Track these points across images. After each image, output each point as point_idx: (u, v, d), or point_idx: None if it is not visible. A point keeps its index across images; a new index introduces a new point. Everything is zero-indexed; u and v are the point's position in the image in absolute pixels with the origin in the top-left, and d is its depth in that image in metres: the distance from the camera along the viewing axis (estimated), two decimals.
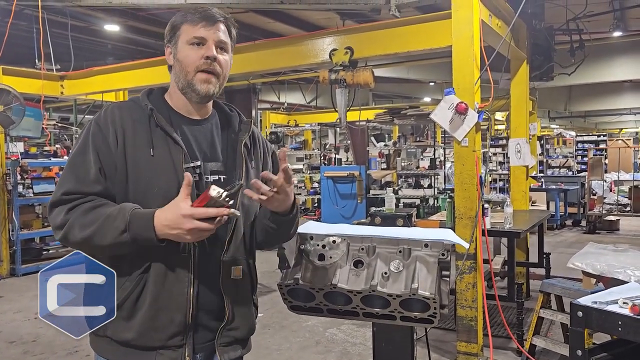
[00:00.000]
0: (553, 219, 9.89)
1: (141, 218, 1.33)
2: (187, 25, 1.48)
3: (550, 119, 18.00)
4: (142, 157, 1.42)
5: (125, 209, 1.34)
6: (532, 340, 3.85)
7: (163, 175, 1.42)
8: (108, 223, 1.33)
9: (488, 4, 4.29)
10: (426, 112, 7.49)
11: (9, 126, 6.78)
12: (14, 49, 8.00)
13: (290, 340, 4.47)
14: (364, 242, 1.59)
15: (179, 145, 1.45)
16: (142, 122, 1.46)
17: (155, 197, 1.40)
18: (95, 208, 1.36)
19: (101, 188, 1.40)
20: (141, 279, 1.41)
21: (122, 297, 1.41)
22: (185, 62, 1.48)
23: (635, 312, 1.77)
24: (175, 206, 1.30)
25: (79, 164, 1.41)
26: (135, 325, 1.41)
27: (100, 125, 1.44)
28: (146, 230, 1.32)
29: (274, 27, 8.36)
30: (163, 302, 1.41)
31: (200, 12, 1.49)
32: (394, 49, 5.02)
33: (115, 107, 1.50)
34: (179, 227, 1.29)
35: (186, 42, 1.47)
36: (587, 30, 6.74)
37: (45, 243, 7.90)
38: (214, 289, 1.48)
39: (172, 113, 1.53)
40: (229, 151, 1.56)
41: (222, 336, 1.50)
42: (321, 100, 13.75)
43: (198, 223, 1.28)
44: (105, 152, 1.41)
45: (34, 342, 4.57)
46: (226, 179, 1.52)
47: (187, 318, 1.43)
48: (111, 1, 5.86)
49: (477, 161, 3.89)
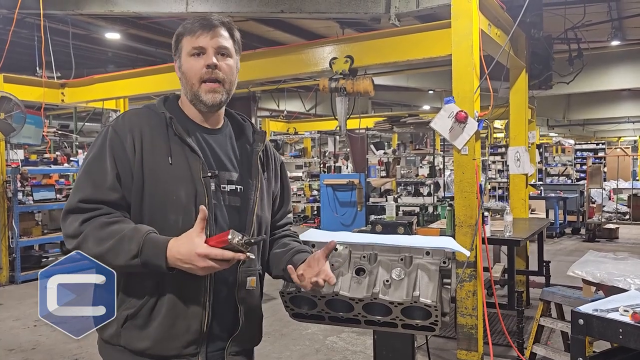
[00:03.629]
0: (552, 227, 9.90)
1: (155, 246, 1.31)
2: (187, 37, 1.48)
3: (549, 127, 18.05)
4: (160, 166, 1.41)
5: (140, 231, 1.32)
6: (533, 348, 3.84)
7: (181, 185, 1.41)
8: (122, 244, 1.31)
9: (487, 13, 4.32)
10: (425, 120, 7.53)
11: (10, 134, 6.79)
12: (16, 56, 8.04)
13: (291, 349, 4.46)
14: (366, 249, 1.60)
15: (197, 154, 1.44)
16: (160, 130, 1.45)
17: (173, 207, 1.39)
18: (110, 224, 1.34)
19: (118, 196, 1.39)
20: (157, 287, 1.40)
21: (137, 305, 1.40)
22: (189, 74, 1.48)
23: (636, 320, 1.77)
24: (190, 242, 1.28)
25: (95, 170, 1.39)
26: (151, 334, 1.39)
27: (118, 131, 1.43)
28: (157, 258, 1.30)
29: (274, 35, 8.41)
30: (180, 309, 1.40)
31: (199, 21, 1.48)
32: (393, 58, 5.05)
33: (132, 113, 1.49)
34: (192, 264, 1.28)
35: (187, 53, 1.48)
36: (586, 40, 6.79)
37: (44, 250, 7.88)
38: (230, 299, 1.47)
39: (188, 121, 1.52)
40: (243, 161, 1.56)
41: (231, 346, 1.49)
42: (321, 108, 13.79)
43: (211, 263, 1.28)
44: (123, 158, 1.40)
45: (33, 349, 4.56)
46: (242, 190, 1.51)
47: (202, 326, 1.42)
48: (112, 9, 5.89)
49: (476, 169, 3.90)
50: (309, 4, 4.95)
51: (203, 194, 1.42)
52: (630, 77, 9.51)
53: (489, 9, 4.33)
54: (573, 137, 19.85)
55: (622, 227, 10.54)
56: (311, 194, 11.15)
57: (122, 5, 5.83)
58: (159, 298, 1.40)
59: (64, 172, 8.20)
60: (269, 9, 5.15)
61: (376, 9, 4.66)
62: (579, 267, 3.54)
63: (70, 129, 11.69)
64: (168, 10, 5.56)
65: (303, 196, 11.03)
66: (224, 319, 1.48)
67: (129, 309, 1.40)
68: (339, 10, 4.87)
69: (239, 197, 1.51)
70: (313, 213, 10.96)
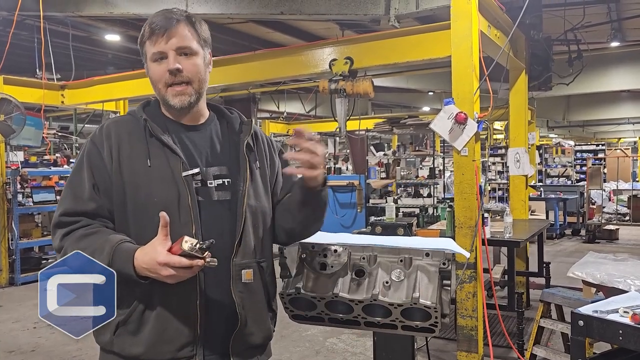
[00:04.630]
0: (552, 228, 9.90)
1: (123, 257, 1.32)
2: (147, 42, 1.45)
3: (549, 128, 18.05)
4: (139, 169, 1.41)
5: (111, 242, 1.34)
6: (533, 349, 3.83)
7: (162, 185, 1.41)
8: (94, 256, 1.34)
9: (487, 14, 4.32)
10: (425, 121, 7.51)
11: (10, 135, 6.79)
12: (15, 58, 8.04)
13: (291, 350, 4.45)
14: (365, 251, 1.59)
15: (176, 153, 1.43)
16: (137, 134, 1.45)
17: (156, 209, 1.36)
18: (86, 236, 1.37)
19: (95, 205, 1.41)
20: (146, 292, 1.38)
21: (127, 311, 1.40)
22: (153, 80, 1.48)
23: (636, 321, 1.77)
24: (153, 250, 1.29)
25: (75, 183, 1.44)
26: (144, 339, 1.39)
27: (96, 142, 1.46)
28: (126, 269, 1.31)
29: (273, 37, 8.41)
30: (171, 313, 1.39)
31: (157, 22, 1.43)
32: (393, 59, 5.05)
33: (111, 122, 1.50)
34: (157, 272, 1.28)
35: (150, 59, 1.46)
36: (585, 41, 6.79)
37: (44, 252, 7.88)
38: (225, 295, 1.44)
39: (168, 122, 1.51)
40: (231, 154, 1.54)
41: (235, 342, 1.45)
42: (320, 110, 13.79)
43: (173, 271, 1.27)
44: (100, 167, 1.42)
45: (32, 351, 4.55)
46: (231, 183, 1.50)
47: (196, 328, 1.40)
48: (112, 11, 5.90)
49: (476, 171, 3.90)
50: (309, 5, 4.95)
51: (186, 193, 1.41)
52: (629, 78, 9.52)
53: (488, 11, 4.33)
54: (573, 138, 19.85)
55: (622, 228, 10.54)
56: None
57: (122, 7, 5.84)
58: (148, 303, 1.39)
59: (64, 174, 8.20)
60: (269, 10, 5.15)
61: (376, 11, 4.66)
62: (579, 268, 3.54)
63: (70, 130, 11.69)
64: None
65: None
66: (223, 317, 1.45)
67: (120, 316, 1.40)
68: (339, 11, 4.87)
69: (229, 191, 1.49)
70: None
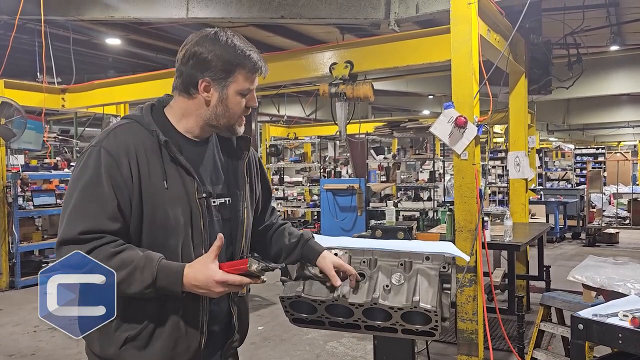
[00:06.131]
0: (553, 231, 9.90)
1: (170, 274, 1.31)
2: (243, 74, 1.43)
3: (548, 132, 18.05)
4: (157, 190, 1.38)
5: (152, 260, 1.31)
6: (533, 353, 3.83)
7: (177, 207, 1.40)
8: (135, 274, 1.30)
9: (486, 19, 4.34)
10: (425, 125, 7.53)
11: (11, 139, 6.80)
12: (16, 62, 8.05)
13: (291, 354, 4.45)
14: (366, 254, 1.60)
15: (192, 176, 1.43)
16: (153, 151, 1.40)
17: (173, 231, 1.38)
18: (118, 254, 1.31)
19: (119, 226, 1.35)
20: (159, 310, 1.40)
21: (138, 328, 1.39)
22: (234, 111, 1.46)
23: (636, 325, 1.77)
24: (206, 268, 1.30)
25: (94, 197, 1.33)
26: (153, 355, 1.39)
27: (113, 155, 1.36)
28: (174, 285, 1.31)
29: (274, 41, 8.42)
30: (181, 329, 1.41)
31: (260, 64, 1.45)
32: (393, 63, 5.07)
33: (123, 131, 1.42)
34: (209, 289, 1.31)
35: (238, 91, 1.44)
36: (585, 45, 6.80)
37: (44, 256, 7.87)
38: (224, 308, 1.51)
39: (178, 137, 1.47)
40: (229, 170, 1.55)
41: (226, 350, 1.54)
42: (321, 113, 13.81)
43: (227, 288, 1.31)
44: (121, 185, 1.35)
45: (33, 355, 4.55)
46: (230, 202, 1.52)
47: (201, 341, 1.44)
48: (113, 15, 5.91)
49: (476, 174, 3.91)
50: (309, 9, 4.97)
51: (198, 214, 1.42)
52: (629, 82, 9.54)
53: (488, 15, 4.35)
54: (573, 141, 19.86)
55: (622, 232, 10.53)
56: (311, 199, 11.13)
57: (122, 10, 5.85)
58: (160, 320, 1.40)
59: (65, 178, 8.20)
60: (269, 14, 5.17)
61: (376, 15, 4.68)
62: (579, 271, 3.54)
63: (71, 134, 11.70)
64: (168, 15, 5.58)
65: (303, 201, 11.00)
66: (220, 329, 1.52)
67: (129, 331, 1.39)
68: (339, 15, 4.89)
69: (228, 210, 1.52)
70: (313, 218, 10.94)
